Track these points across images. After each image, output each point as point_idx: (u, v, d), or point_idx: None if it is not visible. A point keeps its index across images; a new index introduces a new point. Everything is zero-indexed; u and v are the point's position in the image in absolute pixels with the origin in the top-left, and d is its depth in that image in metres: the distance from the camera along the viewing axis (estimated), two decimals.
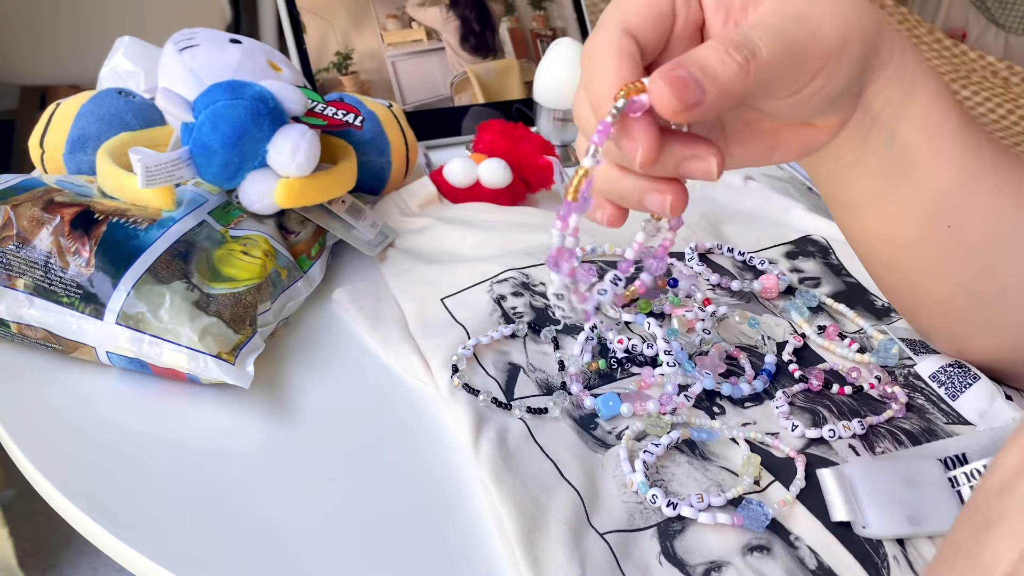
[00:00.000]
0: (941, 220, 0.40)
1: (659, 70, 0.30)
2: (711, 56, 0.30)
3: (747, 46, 0.30)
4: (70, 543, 1.25)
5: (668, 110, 0.29)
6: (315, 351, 0.53)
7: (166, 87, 0.55)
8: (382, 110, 0.67)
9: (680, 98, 0.29)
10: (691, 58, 0.30)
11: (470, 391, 0.47)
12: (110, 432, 0.46)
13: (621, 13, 0.33)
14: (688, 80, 0.29)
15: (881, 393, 0.49)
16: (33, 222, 0.49)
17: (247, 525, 0.41)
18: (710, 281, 0.59)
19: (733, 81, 0.30)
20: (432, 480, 0.44)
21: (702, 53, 0.30)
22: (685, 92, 0.29)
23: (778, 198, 0.69)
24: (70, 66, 1.62)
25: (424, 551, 0.40)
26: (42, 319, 0.48)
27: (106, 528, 0.40)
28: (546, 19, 0.89)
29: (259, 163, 0.53)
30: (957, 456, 0.42)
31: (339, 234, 0.59)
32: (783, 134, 0.37)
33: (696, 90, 0.29)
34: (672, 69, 0.29)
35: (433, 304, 0.55)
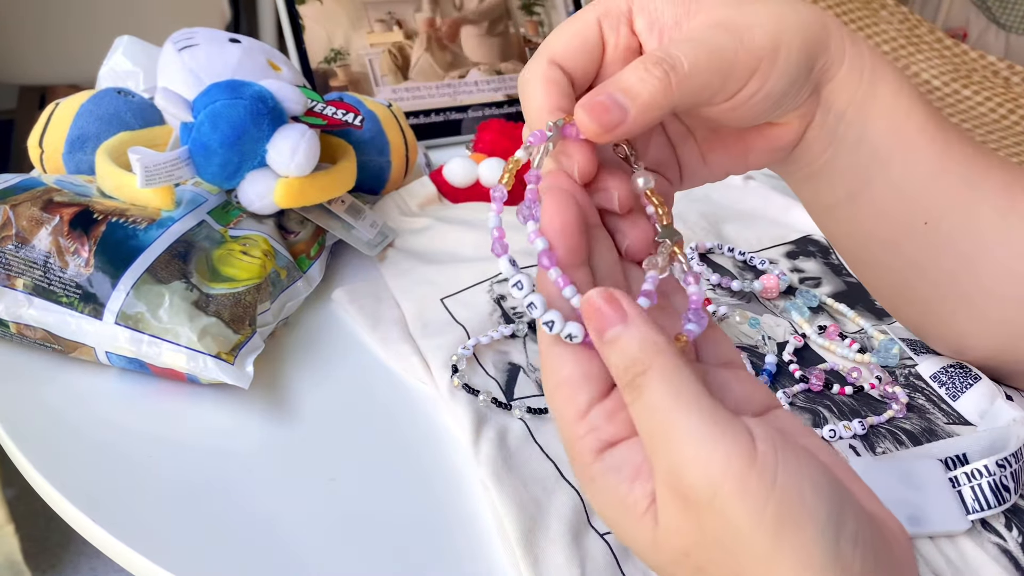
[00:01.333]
0: (916, 217, 0.40)
1: (582, 99, 0.31)
2: (631, 76, 0.31)
3: (666, 61, 0.32)
4: (69, 543, 1.25)
5: (592, 134, 0.31)
6: (315, 351, 0.53)
7: (165, 87, 0.55)
8: (382, 110, 0.67)
9: (599, 122, 0.31)
10: (612, 81, 0.31)
11: (470, 391, 0.47)
12: (109, 432, 0.46)
13: (549, 45, 0.34)
14: (608, 104, 0.31)
15: (882, 393, 0.49)
16: (32, 222, 0.49)
17: (246, 525, 0.41)
18: (710, 281, 0.59)
19: (655, 96, 0.31)
20: (432, 480, 0.44)
21: (623, 75, 0.32)
22: (604, 116, 0.31)
23: (778, 198, 0.69)
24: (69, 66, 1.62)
25: (424, 551, 0.40)
26: (41, 319, 0.48)
27: (105, 528, 0.40)
28: (538, 26, 0.89)
29: (258, 163, 0.53)
30: (958, 456, 0.42)
31: (339, 234, 0.59)
32: (750, 138, 0.38)
33: (617, 112, 0.31)
34: (593, 96, 0.31)
35: (433, 304, 0.55)
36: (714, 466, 0.26)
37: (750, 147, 0.38)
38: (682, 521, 0.27)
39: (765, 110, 0.35)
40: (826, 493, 0.26)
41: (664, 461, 0.27)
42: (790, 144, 0.38)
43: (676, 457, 0.26)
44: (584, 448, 0.29)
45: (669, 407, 0.27)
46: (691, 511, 0.26)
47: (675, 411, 0.27)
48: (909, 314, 0.46)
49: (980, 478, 0.40)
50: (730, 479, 0.25)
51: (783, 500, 0.25)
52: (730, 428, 0.26)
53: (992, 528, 0.41)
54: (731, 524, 0.25)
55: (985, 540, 0.40)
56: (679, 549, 0.27)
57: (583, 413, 0.29)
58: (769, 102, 0.35)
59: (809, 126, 0.38)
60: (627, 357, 0.28)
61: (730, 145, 0.38)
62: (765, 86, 0.34)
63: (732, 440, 0.26)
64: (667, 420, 0.27)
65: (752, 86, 0.34)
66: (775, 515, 0.25)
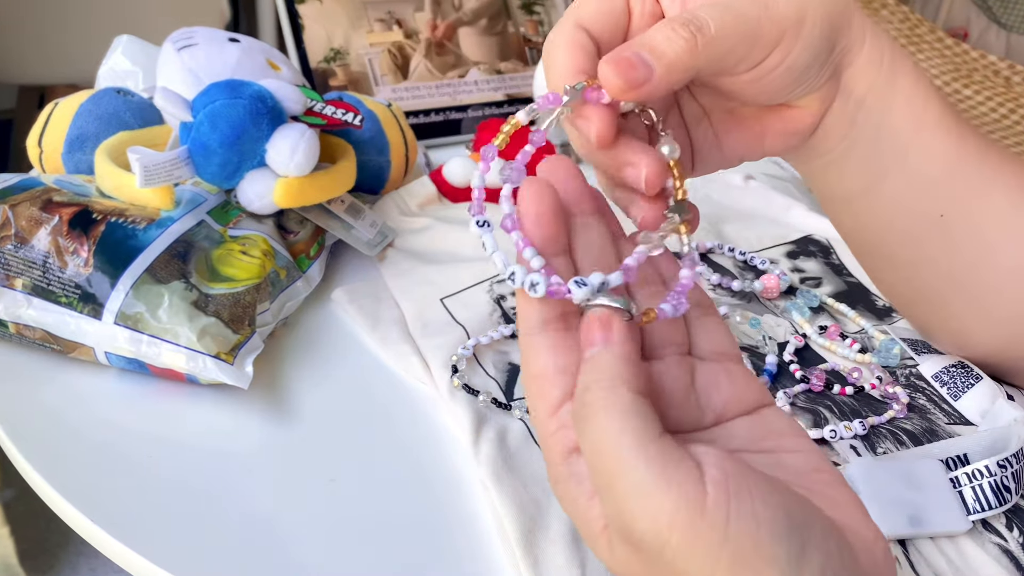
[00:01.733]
0: (932, 209, 0.40)
1: (607, 54, 0.31)
2: (657, 35, 0.31)
3: (694, 22, 0.31)
4: (68, 544, 1.25)
5: (616, 90, 0.30)
6: (314, 351, 0.53)
7: (165, 86, 0.55)
8: (381, 109, 0.67)
9: (625, 78, 0.30)
10: (639, 39, 0.31)
11: (470, 391, 0.47)
12: (109, 433, 0.46)
13: (576, 10, 0.34)
14: (634, 60, 0.30)
15: (882, 393, 0.49)
16: (31, 222, 0.49)
17: (246, 526, 0.41)
18: (711, 281, 0.59)
19: (681, 56, 0.31)
20: (432, 481, 0.44)
21: (650, 34, 0.31)
22: (631, 72, 0.30)
23: (779, 198, 0.69)
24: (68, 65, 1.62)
25: (424, 552, 0.40)
26: (40, 319, 0.48)
27: (104, 529, 0.40)
28: (538, 25, 0.89)
29: (258, 162, 0.53)
30: (959, 456, 0.42)
31: (338, 234, 0.59)
32: (767, 119, 0.38)
33: (643, 69, 0.30)
34: (619, 51, 0.31)
35: (433, 304, 0.55)
36: (661, 518, 0.24)
37: (767, 129, 0.38)
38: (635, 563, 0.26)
39: (786, 85, 0.35)
40: (784, 533, 0.24)
41: (611, 506, 0.26)
42: (808, 128, 0.38)
43: (621, 505, 0.25)
44: (554, 446, 0.28)
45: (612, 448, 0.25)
46: (642, 556, 0.25)
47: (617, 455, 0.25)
48: (917, 310, 0.46)
49: (981, 478, 0.40)
50: (678, 531, 0.24)
51: (737, 551, 0.24)
52: (677, 474, 0.25)
53: (993, 528, 0.40)
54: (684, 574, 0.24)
55: (986, 540, 0.40)
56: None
57: (555, 408, 0.28)
58: (791, 76, 0.35)
59: (828, 111, 0.37)
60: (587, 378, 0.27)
61: (747, 127, 0.38)
62: (788, 57, 0.34)
63: (679, 488, 0.24)
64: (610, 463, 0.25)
65: (776, 56, 0.34)
66: (730, 566, 0.24)
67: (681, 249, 0.32)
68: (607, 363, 0.27)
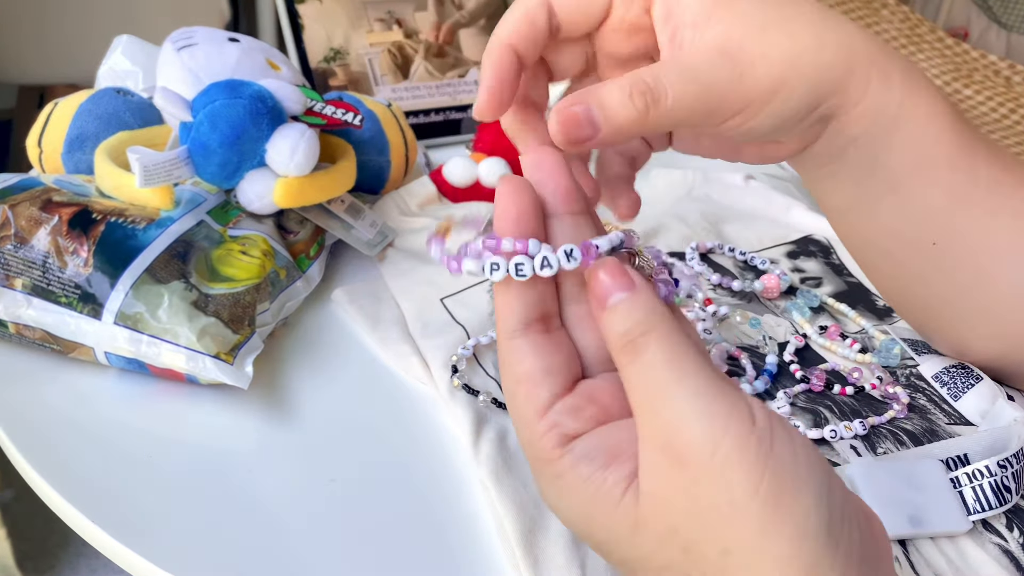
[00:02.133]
0: (925, 237, 0.39)
1: (561, 101, 0.31)
2: (613, 96, 0.31)
3: (652, 92, 0.31)
4: (68, 544, 1.25)
5: (559, 142, 0.31)
6: (314, 351, 0.53)
7: (164, 86, 0.55)
8: (381, 109, 0.67)
9: (566, 135, 0.30)
10: (595, 93, 0.31)
11: (470, 391, 0.47)
12: (108, 433, 0.46)
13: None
14: (582, 119, 0.30)
15: (883, 393, 0.49)
16: (31, 222, 0.49)
17: (246, 526, 0.41)
18: (711, 281, 0.59)
19: (631, 124, 0.31)
20: (432, 481, 0.44)
21: (606, 91, 0.31)
22: (575, 130, 0.30)
23: (779, 198, 0.69)
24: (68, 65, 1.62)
25: (424, 552, 0.40)
26: (40, 319, 0.48)
27: (104, 529, 0.40)
28: None
29: (258, 162, 0.53)
30: (959, 457, 0.42)
31: (338, 234, 0.59)
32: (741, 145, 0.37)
33: (588, 128, 0.30)
34: (570, 104, 0.30)
35: (433, 304, 0.55)
36: (716, 423, 0.25)
37: (741, 149, 0.38)
38: (673, 488, 0.26)
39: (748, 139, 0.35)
40: (818, 468, 0.26)
41: (660, 420, 0.26)
42: (788, 155, 0.38)
43: (674, 413, 0.26)
44: (547, 444, 0.28)
45: (669, 365, 0.26)
46: (685, 474, 0.25)
47: (674, 370, 0.26)
48: (914, 317, 0.46)
49: (981, 479, 0.40)
50: (730, 437, 0.25)
51: (779, 469, 0.25)
52: (730, 393, 0.26)
53: (993, 529, 0.40)
54: (728, 488, 0.25)
55: (986, 541, 0.40)
56: (666, 525, 0.26)
57: (544, 409, 0.28)
58: (753, 135, 0.34)
59: (812, 144, 0.37)
60: (630, 320, 0.27)
61: (722, 142, 0.38)
62: (748, 123, 0.33)
63: (732, 404, 0.26)
64: (667, 378, 0.26)
65: (734, 122, 0.33)
66: (772, 483, 0.25)
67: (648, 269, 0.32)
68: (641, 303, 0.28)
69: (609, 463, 0.27)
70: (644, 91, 0.31)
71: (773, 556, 0.24)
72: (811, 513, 0.25)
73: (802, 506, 0.25)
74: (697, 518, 0.25)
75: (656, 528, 0.26)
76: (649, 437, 0.26)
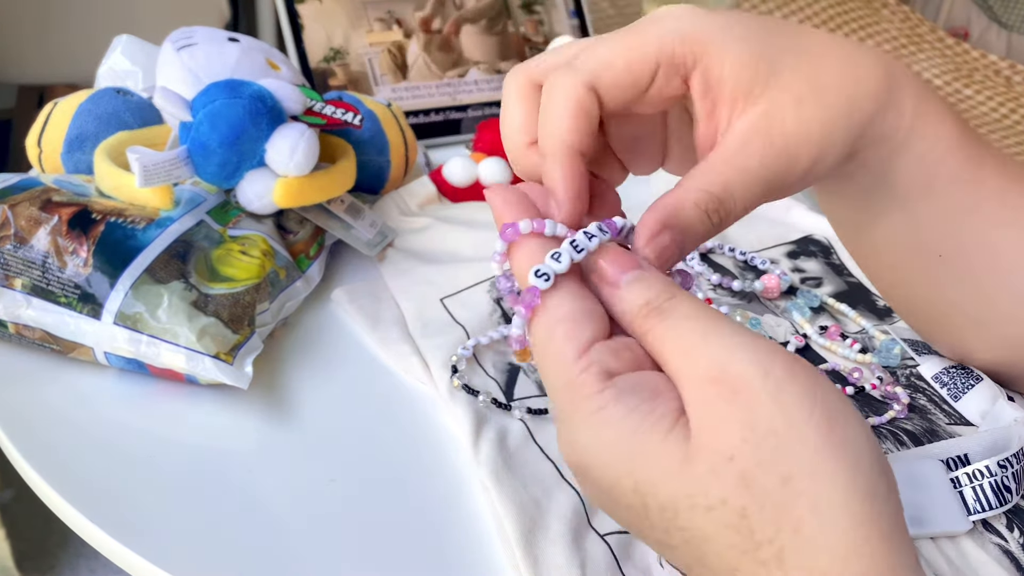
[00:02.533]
0: (931, 250, 0.39)
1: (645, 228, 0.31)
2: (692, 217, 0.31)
3: (724, 207, 0.32)
4: (68, 544, 1.25)
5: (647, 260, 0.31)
6: (314, 351, 0.53)
7: (164, 86, 0.55)
8: (381, 109, 0.67)
9: (660, 263, 0.31)
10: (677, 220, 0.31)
11: (470, 392, 0.47)
12: (108, 433, 0.46)
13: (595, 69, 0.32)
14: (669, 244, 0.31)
15: (883, 393, 0.49)
16: (31, 222, 0.49)
17: (246, 526, 0.41)
18: (711, 281, 0.59)
19: (704, 237, 0.32)
20: (432, 481, 0.44)
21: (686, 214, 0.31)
22: (667, 258, 0.31)
23: None
24: (68, 65, 1.61)
25: (424, 552, 0.40)
26: (40, 319, 0.48)
27: (104, 529, 0.40)
28: (538, 24, 0.89)
29: (257, 162, 0.53)
30: (959, 457, 0.42)
31: (338, 234, 0.59)
32: None
33: (674, 251, 0.31)
34: (658, 234, 0.31)
35: (433, 304, 0.55)
36: (762, 351, 0.26)
37: None
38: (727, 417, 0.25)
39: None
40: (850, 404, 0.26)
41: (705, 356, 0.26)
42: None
43: (719, 347, 0.26)
44: (588, 379, 0.27)
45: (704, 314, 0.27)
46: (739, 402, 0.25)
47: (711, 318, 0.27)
48: (916, 324, 0.46)
49: (981, 479, 0.40)
50: (779, 365, 0.26)
51: (827, 398, 0.25)
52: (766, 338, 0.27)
53: (993, 529, 0.40)
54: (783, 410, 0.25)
55: (986, 541, 0.40)
56: (723, 453, 0.25)
57: (585, 347, 0.28)
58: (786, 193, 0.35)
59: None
60: (652, 290, 0.28)
61: None
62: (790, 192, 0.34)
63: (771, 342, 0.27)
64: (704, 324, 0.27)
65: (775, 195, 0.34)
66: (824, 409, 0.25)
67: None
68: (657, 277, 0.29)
69: (655, 397, 0.27)
70: (718, 208, 0.32)
71: (831, 479, 0.24)
72: (861, 442, 0.25)
73: (854, 433, 0.25)
74: (754, 444, 0.25)
75: (710, 459, 0.25)
76: (694, 375, 0.26)
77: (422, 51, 0.83)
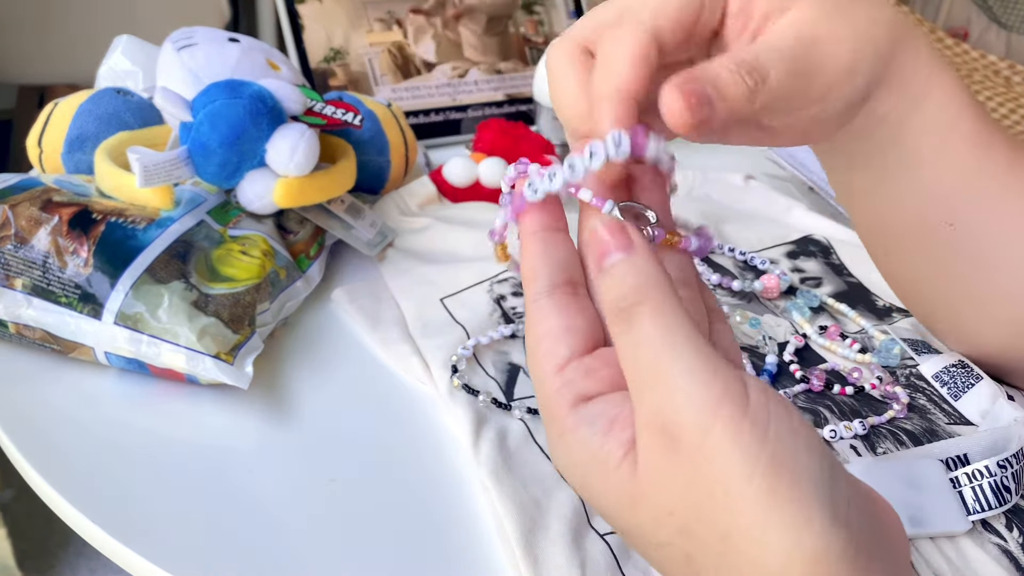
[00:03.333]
0: (941, 218, 0.40)
1: (672, 81, 0.28)
2: (724, 75, 0.29)
3: (758, 71, 0.30)
4: (68, 544, 1.25)
5: (679, 124, 0.28)
6: (314, 351, 0.53)
7: (164, 86, 0.55)
8: (381, 109, 0.67)
9: (693, 113, 0.28)
10: (705, 74, 0.29)
11: (470, 391, 0.47)
12: (108, 433, 0.46)
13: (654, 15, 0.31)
14: (702, 96, 0.28)
15: (883, 393, 0.49)
16: (31, 222, 0.49)
17: (246, 526, 0.41)
18: (711, 281, 0.59)
19: (741, 103, 0.30)
20: (432, 481, 0.44)
21: (715, 71, 0.29)
22: (699, 109, 0.28)
23: (779, 198, 0.69)
24: (68, 65, 1.62)
25: (424, 552, 0.40)
26: (40, 319, 0.48)
27: (104, 529, 0.40)
28: (538, 25, 0.89)
29: (258, 162, 0.53)
30: (959, 456, 0.42)
31: (338, 234, 0.59)
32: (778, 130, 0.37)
33: (708, 108, 0.29)
34: (688, 82, 0.28)
35: (433, 304, 0.55)
36: (706, 406, 0.24)
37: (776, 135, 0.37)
38: (668, 470, 0.25)
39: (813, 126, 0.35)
40: (818, 451, 0.25)
41: (652, 399, 0.25)
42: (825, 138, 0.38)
43: (665, 395, 0.25)
44: (559, 401, 0.27)
45: (660, 342, 0.25)
46: (679, 457, 0.25)
47: (666, 347, 0.25)
48: (923, 306, 0.46)
49: (981, 479, 0.40)
50: (721, 421, 0.24)
51: (776, 453, 0.24)
52: (722, 371, 0.25)
53: (993, 529, 0.40)
54: (722, 473, 0.24)
55: (986, 541, 0.40)
56: (662, 507, 0.25)
57: (561, 366, 0.28)
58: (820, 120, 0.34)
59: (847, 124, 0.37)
60: (624, 286, 0.27)
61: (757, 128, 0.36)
62: (825, 109, 0.34)
63: (724, 384, 0.25)
64: (657, 356, 0.25)
65: (815, 108, 0.33)
66: (769, 467, 0.24)
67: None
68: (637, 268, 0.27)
69: (609, 429, 0.26)
70: (751, 70, 0.30)
71: (774, 544, 0.24)
72: (812, 501, 0.24)
73: (802, 491, 0.24)
74: (693, 502, 0.25)
75: (652, 507, 0.25)
76: (643, 415, 0.26)
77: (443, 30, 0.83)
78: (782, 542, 0.23)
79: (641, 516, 0.26)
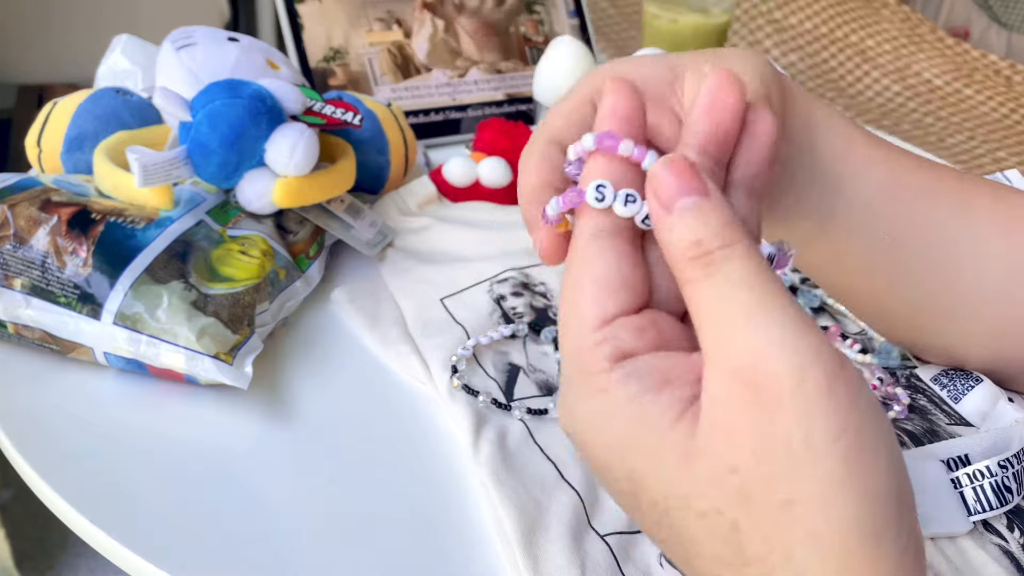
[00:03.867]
0: (881, 234, 0.39)
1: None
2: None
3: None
4: (67, 545, 1.25)
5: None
6: (313, 352, 0.53)
7: (164, 86, 0.55)
8: (381, 109, 0.67)
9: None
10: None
11: (470, 392, 0.47)
12: (108, 433, 0.46)
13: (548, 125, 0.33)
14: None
15: (883, 394, 0.49)
16: (30, 222, 0.49)
17: (246, 527, 0.41)
18: None
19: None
20: (431, 481, 0.44)
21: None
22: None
23: None
24: (67, 65, 1.61)
25: (423, 552, 0.40)
26: (39, 319, 0.48)
27: (103, 529, 0.40)
28: (538, 24, 0.89)
29: (257, 162, 0.53)
30: (960, 457, 0.42)
31: (338, 234, 0.59)
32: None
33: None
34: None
35: (432, 304, 0.55)
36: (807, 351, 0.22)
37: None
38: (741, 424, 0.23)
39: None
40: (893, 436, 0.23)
41: (739, 343, 0.23)
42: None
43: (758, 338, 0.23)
44: (598, 355, 0.25)
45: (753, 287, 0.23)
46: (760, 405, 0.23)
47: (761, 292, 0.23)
48: (898, 334, 0.46)
49: (982, 479, 0.40)
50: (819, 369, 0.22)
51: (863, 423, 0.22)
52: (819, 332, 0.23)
53: (993, 529, 0.40)
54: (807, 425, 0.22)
55: (987, 541, 0.40)
56: (726, 463, 0.23)
57: (607, 319, 0.26)
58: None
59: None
60: (707, 229, 0.24)
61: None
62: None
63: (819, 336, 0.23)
64: (750, 300, 0.23)
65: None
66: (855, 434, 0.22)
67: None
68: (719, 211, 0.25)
69: (662, 387, 0.25)
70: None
71: (838, 514, 0.22)
72: (884, 480, 0.22)
73: (880, 467, 0.22)
74: (764, 458, 0.23)
75: (712, 465, 0.23)
76: (721, 362, 0.24)
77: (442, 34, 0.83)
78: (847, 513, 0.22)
79: (694, 475, 0.24)
